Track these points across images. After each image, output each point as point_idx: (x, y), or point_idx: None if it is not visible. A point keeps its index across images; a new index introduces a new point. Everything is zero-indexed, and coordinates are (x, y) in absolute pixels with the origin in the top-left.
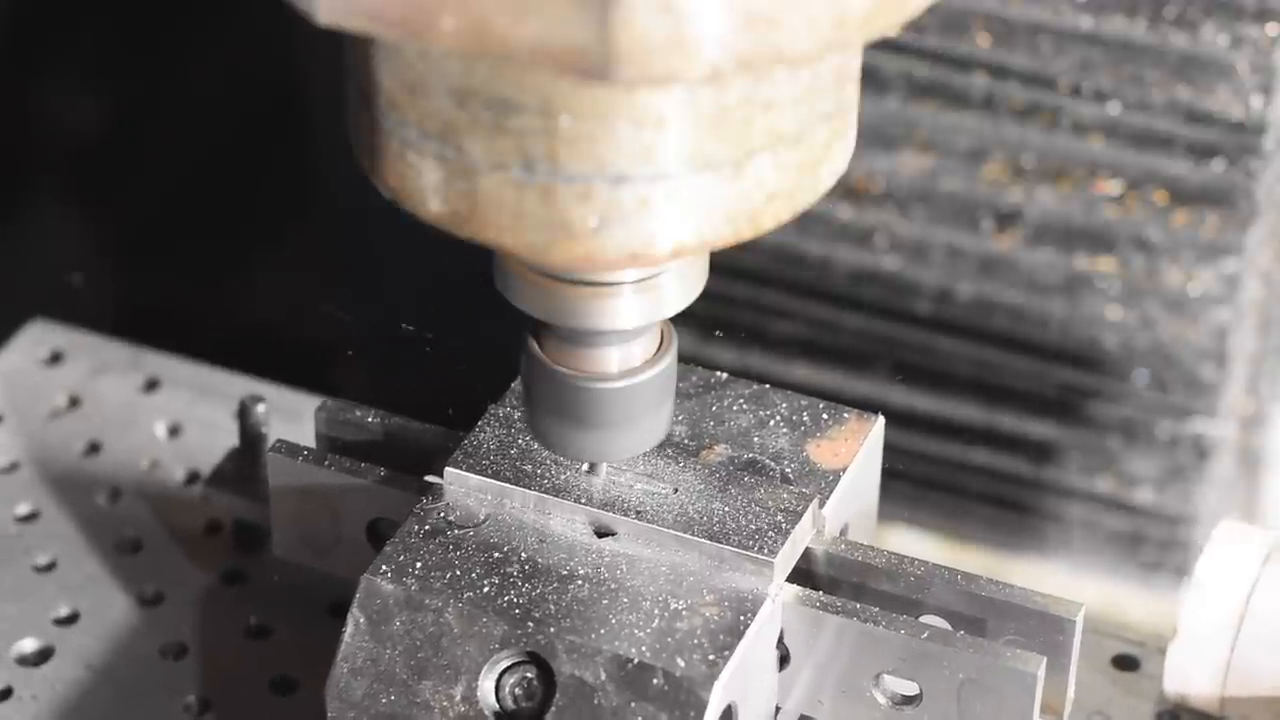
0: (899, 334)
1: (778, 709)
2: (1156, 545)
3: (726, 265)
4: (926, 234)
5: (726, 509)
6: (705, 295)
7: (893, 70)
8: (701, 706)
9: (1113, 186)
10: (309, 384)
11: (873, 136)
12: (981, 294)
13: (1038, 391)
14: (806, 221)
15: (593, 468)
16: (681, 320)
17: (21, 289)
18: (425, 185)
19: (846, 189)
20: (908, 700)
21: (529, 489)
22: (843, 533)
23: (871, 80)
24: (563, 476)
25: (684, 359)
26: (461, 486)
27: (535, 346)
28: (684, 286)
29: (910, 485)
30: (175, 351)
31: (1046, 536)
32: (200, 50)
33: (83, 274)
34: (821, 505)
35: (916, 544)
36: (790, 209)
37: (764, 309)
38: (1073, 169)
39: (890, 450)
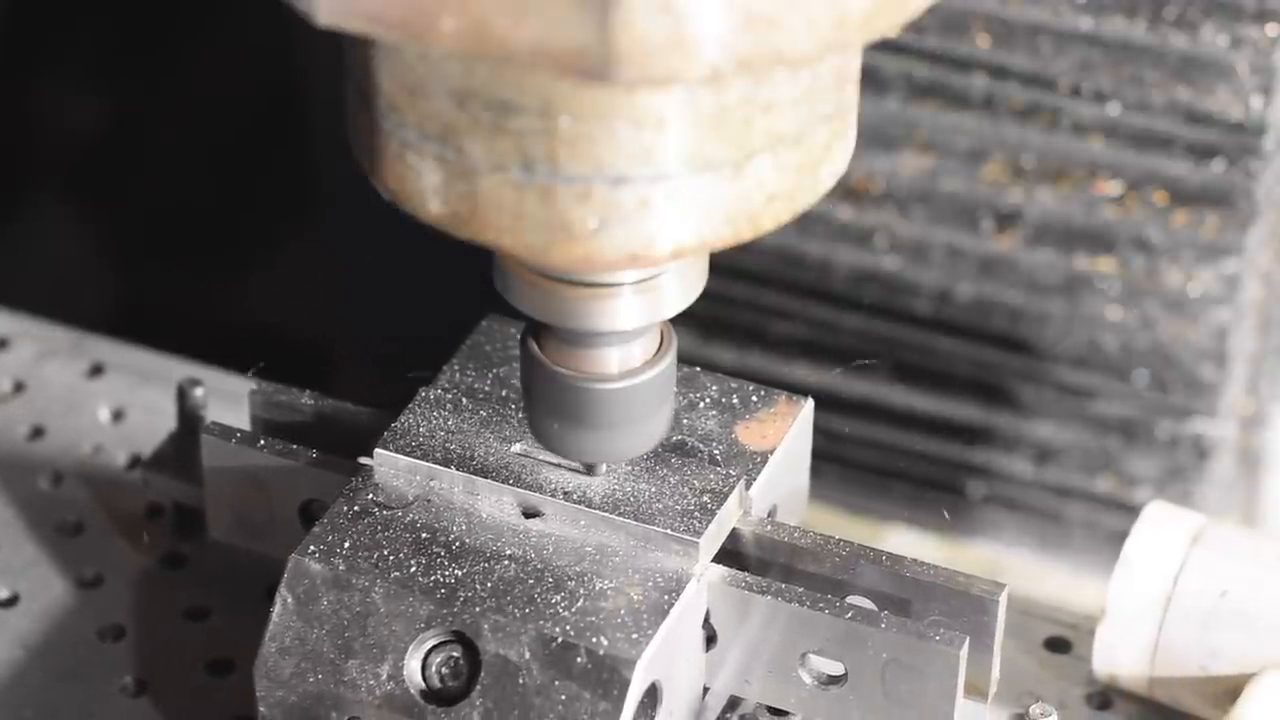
0: (899, 334)
1: (706, 689)
2: None
3: (726, 265)
4: (926, 234)
5: (653, 490)
6: (705, 295)
7: (893, 71)
8: (625, 685)
9: (1113, 187)
10: (309, 384)
11: (873, 137)
12: (981, 294)
13: (1036, 391)
14: (806, 222)
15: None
16: (681, 320)
17: (21, 288)
18: (425, 186)
19: (846, 189)
20: (834, 680)
21: (457, 470)
22: (771, 514)
23: (871, 81)
24: (491, 458)
25: (684, 359)
26: (391, 468)
27: (535, 347)
28: (684, 287)
29: (910, 485)
30: (175, 352)
31: (1046, 536)
32: (200, 50)
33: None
34: (748, 486)
35: (916, 544)
36: (790, 210)
37: (764, 309)
38: (1073, 169)
39: (890, 450)
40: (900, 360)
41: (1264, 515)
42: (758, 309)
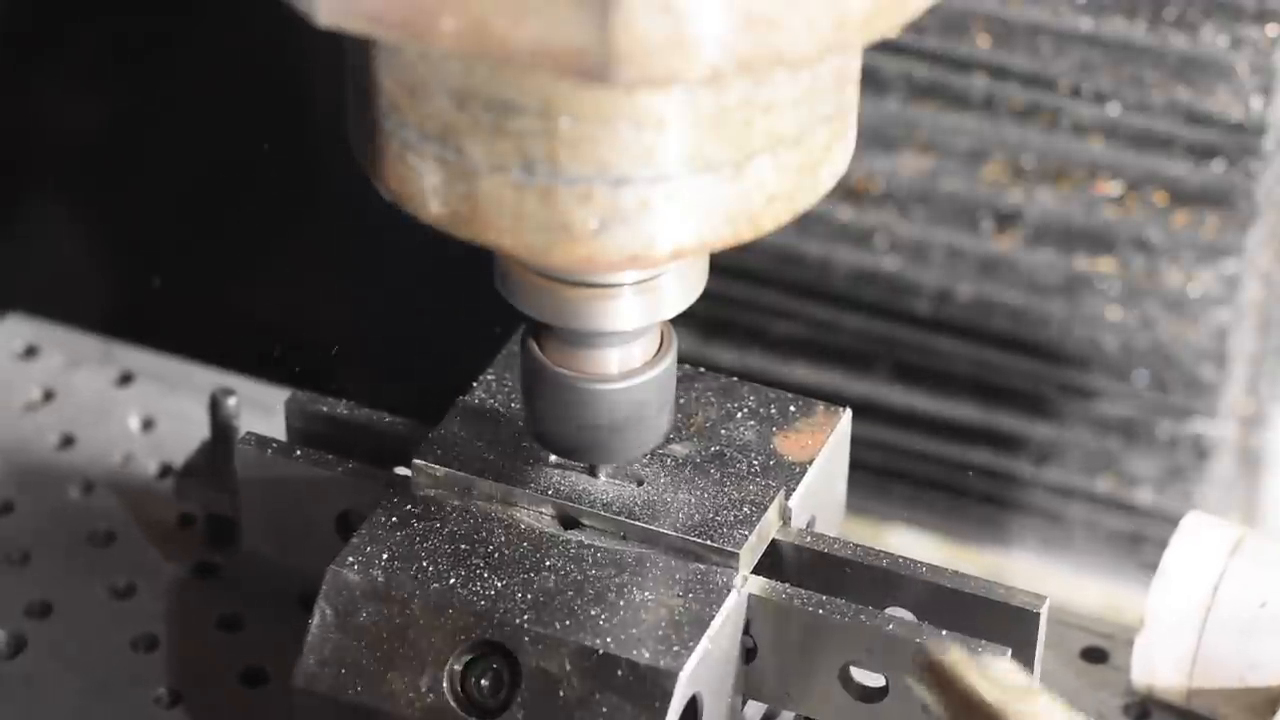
0: (899, 334)
1: (745, 701)
2: (1156, 545)
3: (726, 266)
4: (926, 234)
5: (692, 501)
6: (705, 295)
7: (893, 71)
8: (666, 697)
9: (1113, 187)
10: (309, 385)
11: (873, 137)
12: (981, 294)
13: (1038, 391)
14: (806, 222)
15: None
16: (681, 320)
17: (21, 289)
18: (425, 187)
19: (846, 189)
20: (874, 692)
21: (496, 481)
22: (810, 525)
23: (871, 81)
24: (529, 469)
25: (684, 359)
26: (429, 478)
27: (535, 347)
28: (684, 288)
29: (910, 485)
30: (176, 353)
31: (1047, 537)
32: (200, 51)
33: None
34: (788, 497)
35: (916, 544)
36: (790, 210)
37: (764, 309)
38: (1073, 169)
39: (890, 450)
40: (900, 360)
41: (1264, 515)
42: (758, 309)
